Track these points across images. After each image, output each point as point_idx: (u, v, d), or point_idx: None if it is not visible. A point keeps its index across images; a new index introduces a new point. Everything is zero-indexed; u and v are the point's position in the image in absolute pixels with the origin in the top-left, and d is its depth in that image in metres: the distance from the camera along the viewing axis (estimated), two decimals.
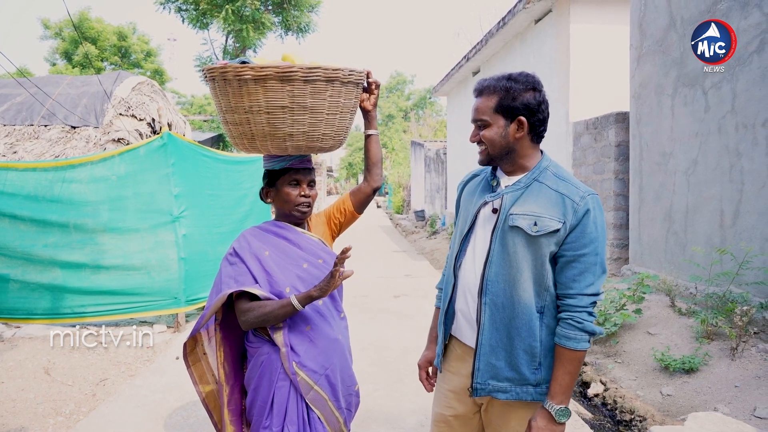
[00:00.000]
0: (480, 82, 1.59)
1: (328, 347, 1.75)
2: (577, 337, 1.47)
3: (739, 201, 4.31)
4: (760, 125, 4.10)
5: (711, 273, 4.29)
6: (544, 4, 7.89)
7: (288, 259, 1.74)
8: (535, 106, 1.52)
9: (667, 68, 5.31)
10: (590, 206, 1.49)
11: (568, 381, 1.49)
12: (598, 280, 1.50)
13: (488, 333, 1.57)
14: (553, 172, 1.57)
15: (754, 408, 3.16)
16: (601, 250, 1.50)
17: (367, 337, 4.82)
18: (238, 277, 1.67)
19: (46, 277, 4.58)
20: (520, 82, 1.52)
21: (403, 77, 42.15)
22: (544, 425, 1.50)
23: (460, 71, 12.39)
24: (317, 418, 1.70)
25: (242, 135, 1.64)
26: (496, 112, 1.54)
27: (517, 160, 1.59)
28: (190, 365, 1.87)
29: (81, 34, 20.23)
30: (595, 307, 1.51)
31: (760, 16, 4.09)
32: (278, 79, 1.53)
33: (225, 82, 1.57)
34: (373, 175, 1.90)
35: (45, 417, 3.25)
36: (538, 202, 1.52)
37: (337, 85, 1.62)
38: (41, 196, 4.56)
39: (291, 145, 1.63)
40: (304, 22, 15.84)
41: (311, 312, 1.74)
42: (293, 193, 1.74)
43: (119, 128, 6.61)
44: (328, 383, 1.73)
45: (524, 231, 1.50)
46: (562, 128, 7.65)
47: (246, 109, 1.58)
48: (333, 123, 1.66)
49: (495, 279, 1.55)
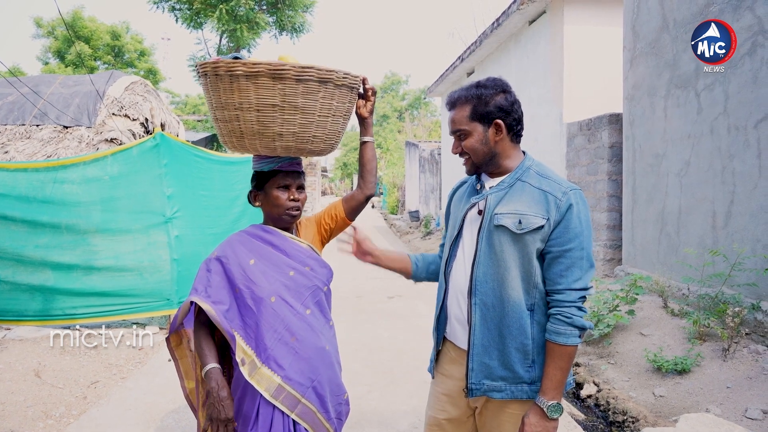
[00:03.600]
0: (450, 95, 1.63)
1: (314, 357, 1.70)
2: (566, 332, 1.48)
3: (731, 202, 4.33)
4: (751, 127, 4.12)
5: (703, 274, 4.31)
6: (538, 6, 7.91)
7: (273, 267, 1.70)
8: (508, 107, 1.57)
9: (660, 70, 5.33)
10: (573, 201, 1.50)
11: (560, 377, 1.50)
12: (585, 274, 1.51)
13: (480, 333, 1.57)
14: (535, 170, 1.59)
15: (746, 409, 3.17)
16: (587, 245, 1.51)
17: (361, 338, 4.81)
18: (208, 289, 1.65)
19: (37, 279, 4.54)
20: (490, 87, 1.57)
21: (398, 77, 42.14)
22: (536, 421, 1.50)
23: (454, 72, 12.41)
24: (304, 430, 1.66)
25: (231, 132, 1.62)
26: (473, 120, 1.58)
27: (500, 163, 1.61)
28: (178, 359, 1.85)
29: (74, 33, 20.11)
30: (584, 302, 1.52)
31: (751, 19, 4.11)
32: (270, 77, 1.52)
33: (216, 77, 1.55)
34: (367, 182, 1.88)
35: (35, 420, 3.22)
36: (522, 200, 1.54)
37: (330, 87, 1.60)
38: (33, 196, 4.51)
39: (280, 145, 1.61)
40: (299, 22, 15.80)
41: (297, 321, 1.69)
42: (282, 197, 1.72)
43: (112, 128, 6.57)
44: (315, 395, 1.69)
45: (509, 229, 1.52)
46: (555, 129, 7.67)
47: (236, 105, 1.56)
48: (324, 125, 1.64)
49: (483, 279, 1.56)
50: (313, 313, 1.74)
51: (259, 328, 1.64)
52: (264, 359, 1.64)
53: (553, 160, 7.65)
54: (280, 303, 1.67)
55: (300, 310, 1.70)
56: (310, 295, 1.74)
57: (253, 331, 1.65)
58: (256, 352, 1.64)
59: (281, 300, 1.66)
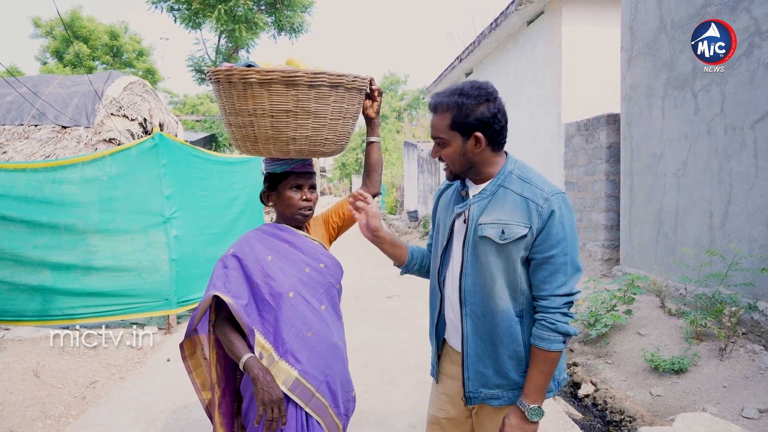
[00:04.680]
0: (433, 98, 1.58)
1: (328, 352, 1.73)
2: (550, 338, 1.48)
3: (728, 203, 4.35)
4: (748, 128, 4.14)
5: (700, 274, 4.33)
6: (536, 6, 7.93)
7: (290, 264, 1.74)
8: (489, 119, 1.50)
9: (657, 70, 5.35)
10: (555, 207, 1.48)
11: (542, 381, 1.50)
12: (570, 279, 1.49)
13: (473, 342, 1.58)
14: (518, 174, 1.56)
15: (742, 408, 3.19)
16: (570, 250, 1.49)
17: (360, 338, 4.82)
18: (228, 284, 1.65)
19: (35, 279, 4.54)
20: (472, 97, 1.49)
21: (397, 77, 42.11)
22: (516, 423, 1.51)
23: (452, 72, 12.42)
24: (317, 423, 1.69)
25: (245, 137, 1.65)
26: (452, 130, 1.52)
27: (481, 171, 1.59)
28: (192, 370, 1.84)
29: (72, 33, 20.09)
30: (570, 307, 1.51)
31: (748, 20, 4.13)
32: (283, 84, 1.54)
33: (230, 84, 1.58)
34: (373, 181, 1.92)
35: (34, 420, 3.23)
36: (504, 209, 1.52)
37: (341, 90, 1.63)
38: (31, 197, 4.52)
39: (294, 149, 1.64)
40: (297, 22, 15.81)
41: (313, 317, 1.72)
42: (295, 197, 1.75)
43: (110, 128, 6.58)
44: (328, 389, 1.72)
45: (493, 240, 1.51)
46: (554, 129, 7.69)
47: (250, 112, 1.59)
48: (335, 128, 1.68)
49: (472, 289, 1.57)
50: (327, 309, 1.78)
51: (277, 323, 1.66)
52: (282, 353, 1.66)
53: (552, 160, 7.67)
54: (298, 298, 1.70)
55: (316, 306, 1.74)
56: (325, 292, 1.78)
57: (271, 326, 1.67)
58: (274, 346, 1.66)
59: (299, 296, 1.69)
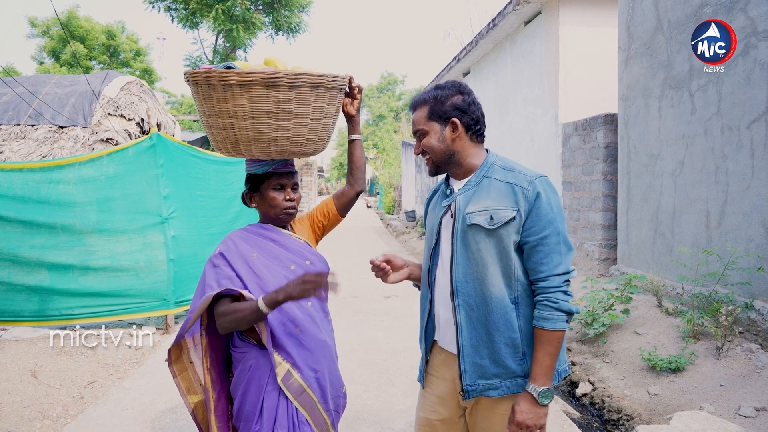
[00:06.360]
0: (413, 98, 1.70)
1: (317, 349, 1.75)
2: (554, 317, 1.50)
3: (725, 202, 4.36)
4: (744, 128, 4.16)
5: (697, 273, 4.35)
6: (534, 6, 7.94)
7: (276, 261, 1.74)
8: (464, 107, 1.61)
9: (654, 70, 5.36)
10: (539, 189, 1.53)
11: (549, 362, 1.51)
12: (565, 258, 1.53)
13: (467, 334, 1.59)
14: (500, 165, 1.63)
15: (739, 407, 3.20)
16: (561, 229, 1.54)
17: (357, 337, 4.83)
18: (221, 280, 1.66)
19: (33, 279, 4.54)
20: (447, 89, 1.63)
21: (394, 77, 42.14)
22: (527, 408, 1.51)
23: (450, 72, 12.43)
24: (305, 420, 1.70)
25: (226, 139, 1.64)
26: (430, 120, 1.63)
27: (462, 163, 1.64)
28: (177, 375, 1.83)
29: (69, 32, 20.03)
30: (569, 285, 1.54)
31: (744, 20, 4.14)
32: (264, 85, 1.54)
33: (209, 86, 1.56)
34: (357, 179, 1.94)
35: (32, 420, 3.22)
36: (491, 196, 1.57)
37: (322, 90, 1.63)
38: (28, 197, 4.51)
39: (275, 149, 1.64)
40: (295, 22, 15.81)
41: (299, 313, 1.73)
42: (278, 197, 1.76)
43: (108, 128, 6.57)
44: (318, 385, 1.74)
45: (482, 226, 1.54)
46: (551, 129, 7.70)
47: (230, 113, 1.57)
48: (317, 128, 1.68)
49: (463, 279, 1.58)
50: (314, 306, 1.79)
51: (265, 319, 1.66)
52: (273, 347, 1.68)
53: (549, 160, 7.69)
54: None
55: (302, 303, 1.75)
56: None
57: None
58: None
59: None
